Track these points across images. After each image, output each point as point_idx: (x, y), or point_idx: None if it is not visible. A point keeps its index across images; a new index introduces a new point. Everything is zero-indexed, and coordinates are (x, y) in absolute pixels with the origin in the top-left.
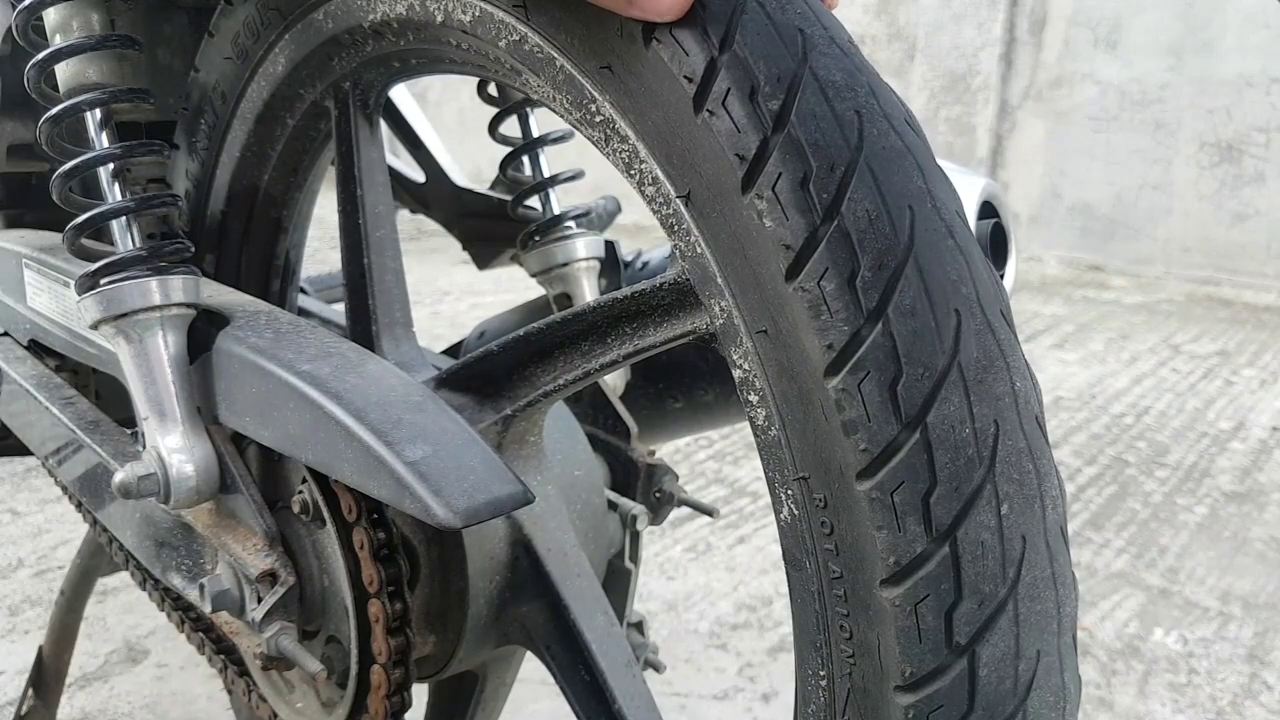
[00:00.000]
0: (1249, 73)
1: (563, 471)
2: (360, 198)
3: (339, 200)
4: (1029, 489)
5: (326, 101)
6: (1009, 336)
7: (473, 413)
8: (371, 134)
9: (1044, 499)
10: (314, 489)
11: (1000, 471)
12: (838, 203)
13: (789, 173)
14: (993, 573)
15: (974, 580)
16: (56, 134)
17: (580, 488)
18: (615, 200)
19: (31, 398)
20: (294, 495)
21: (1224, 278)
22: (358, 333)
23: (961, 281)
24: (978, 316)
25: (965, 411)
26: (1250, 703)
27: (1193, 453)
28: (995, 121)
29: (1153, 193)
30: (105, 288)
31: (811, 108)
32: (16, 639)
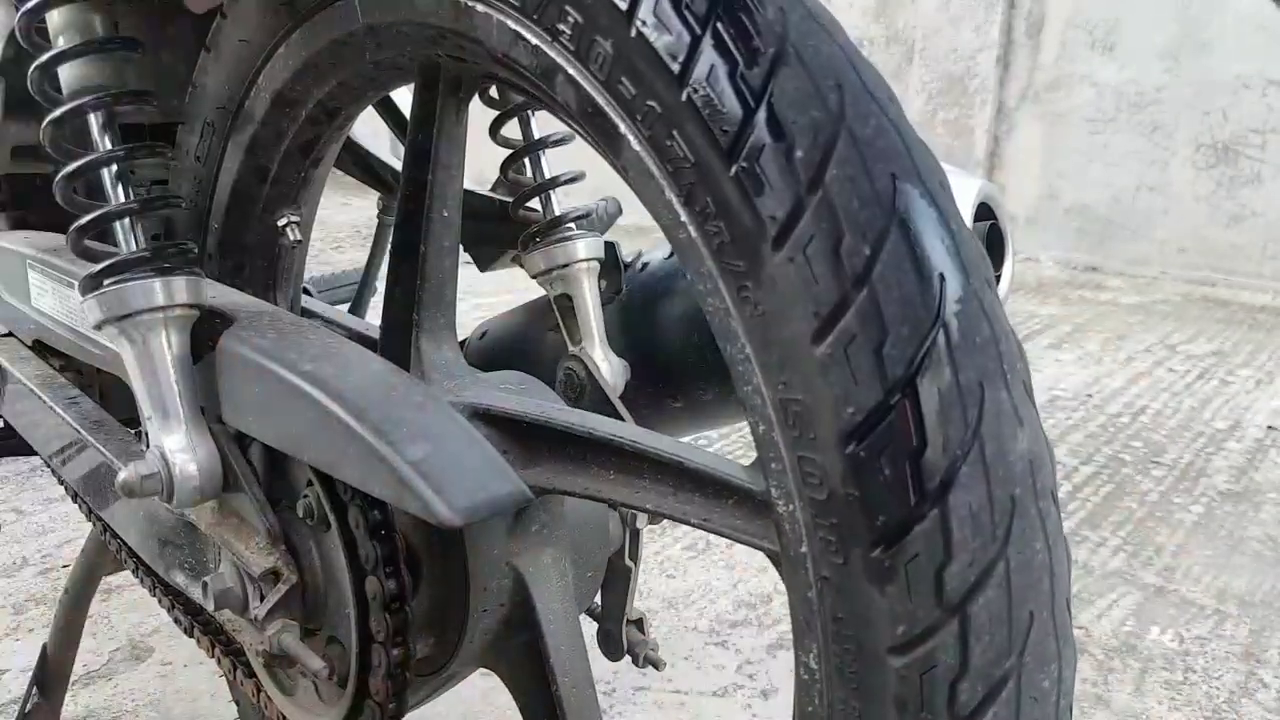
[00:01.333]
0: (1246, 74)
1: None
2: (430, 184)
3: (404, 181)
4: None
5: (409, 76)
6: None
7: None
8: (458, 119)
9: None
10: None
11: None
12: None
13: None
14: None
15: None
16: (60, 136)
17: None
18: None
19: (36, 397)
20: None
21: (1220, 278)
22: (393, 331)
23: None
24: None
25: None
26: (1246, 700)
27: (1189, 452)
28: (993, 123)
29: (1149, 194)
30: (109, 288)
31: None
32: (21, 637)
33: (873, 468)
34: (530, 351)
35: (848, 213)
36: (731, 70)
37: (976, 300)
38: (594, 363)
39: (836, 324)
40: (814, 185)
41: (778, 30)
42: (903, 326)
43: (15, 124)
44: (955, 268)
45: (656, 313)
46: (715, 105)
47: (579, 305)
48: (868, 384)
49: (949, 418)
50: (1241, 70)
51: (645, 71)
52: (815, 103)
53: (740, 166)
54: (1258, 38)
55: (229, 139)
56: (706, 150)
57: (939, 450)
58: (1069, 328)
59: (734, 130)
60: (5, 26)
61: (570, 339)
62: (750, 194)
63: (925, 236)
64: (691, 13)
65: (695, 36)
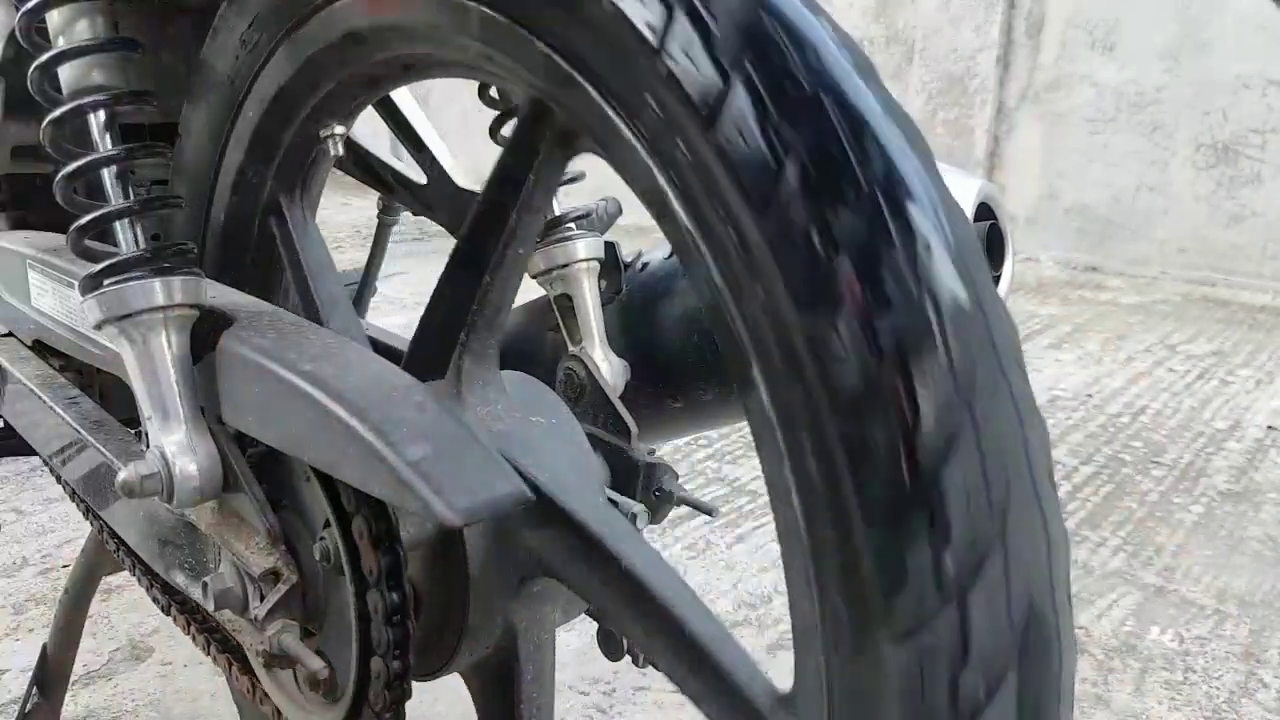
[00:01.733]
0: (1246, 74)
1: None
2: (514, 218)
3: (482, 201)
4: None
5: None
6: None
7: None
8: (557, 163)
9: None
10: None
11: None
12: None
13: None
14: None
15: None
16: (60, 136)
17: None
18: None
19: (36, 398)
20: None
21: (1220, 278)
22: (430, 338)
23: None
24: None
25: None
26: (1246, 700)
27: (1189, 452)
28: (993, 123)
29: (1149, 194)
30: (109, 288)
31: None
32: (21, 637)
33: None
34: (530, 351)
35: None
36: None
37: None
38: (594, 363)
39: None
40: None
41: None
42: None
43: (15, 124)
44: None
45: (656, 313)
46: None
47: (579, 305)
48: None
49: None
50: (1241, 70)
51: None
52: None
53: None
54: (1258, 38)
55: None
56: None
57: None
58: (1069, 328)
59: None
60: (5, 26)
61: (570, 339)
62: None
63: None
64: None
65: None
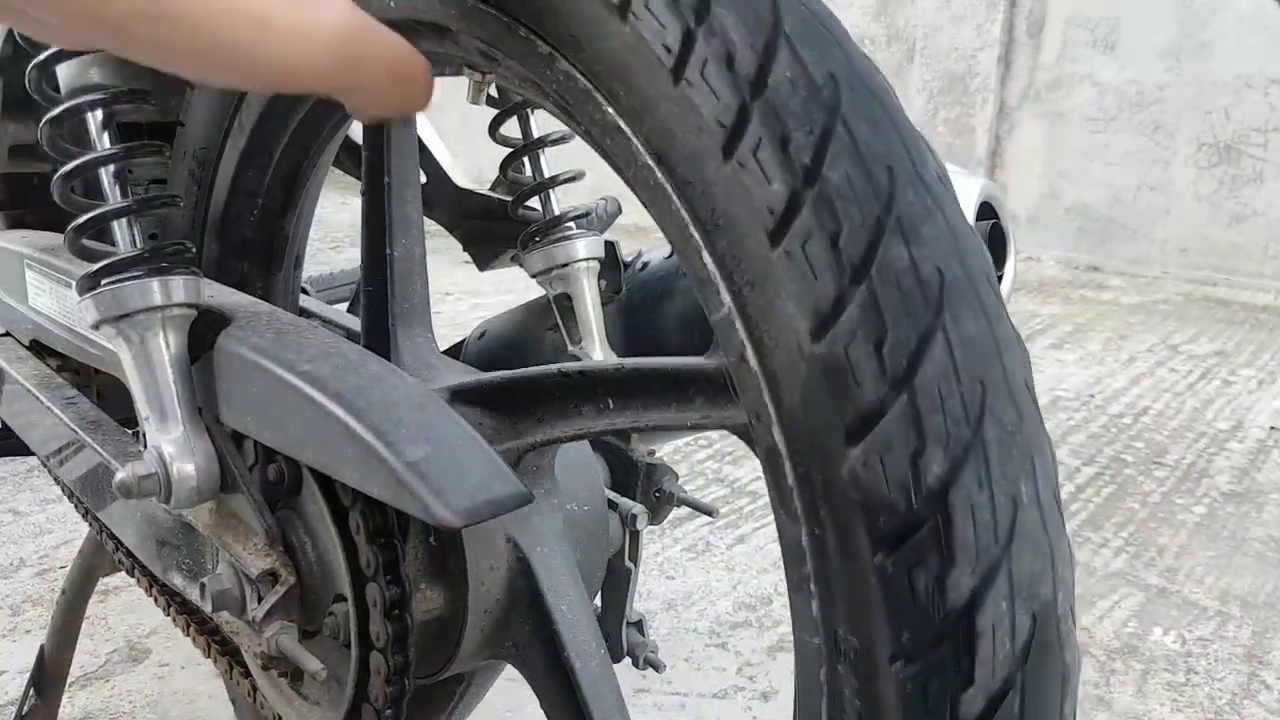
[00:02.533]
0: (1247, 74)
1: (572, 500)
2: (388, 185)
3: (364, 186)
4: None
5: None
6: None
7: (486, 434)
8: (405, 121)
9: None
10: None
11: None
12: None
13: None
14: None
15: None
16: (58, 135)
17: (586, 518)
18: (616, 201)
19: (33, 398)
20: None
21: (1222, 278)
22: (373, 332)
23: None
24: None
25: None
26: (1249, 702)
27: (1191, 452)
28: (994, 122)
29: (1151, 193)
30: (106, 288)
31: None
32: (18, 638)
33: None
34: (529, 351)
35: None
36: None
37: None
38: None
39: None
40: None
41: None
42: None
43: (13, 123)
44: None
45: (656, 312)
46: None
47: (578, 305)
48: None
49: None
50: (1243, 70)
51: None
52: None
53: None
54: (1259, 37)
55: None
56: None
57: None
58: (1070, 327)
59: None
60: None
61: (569, 339)
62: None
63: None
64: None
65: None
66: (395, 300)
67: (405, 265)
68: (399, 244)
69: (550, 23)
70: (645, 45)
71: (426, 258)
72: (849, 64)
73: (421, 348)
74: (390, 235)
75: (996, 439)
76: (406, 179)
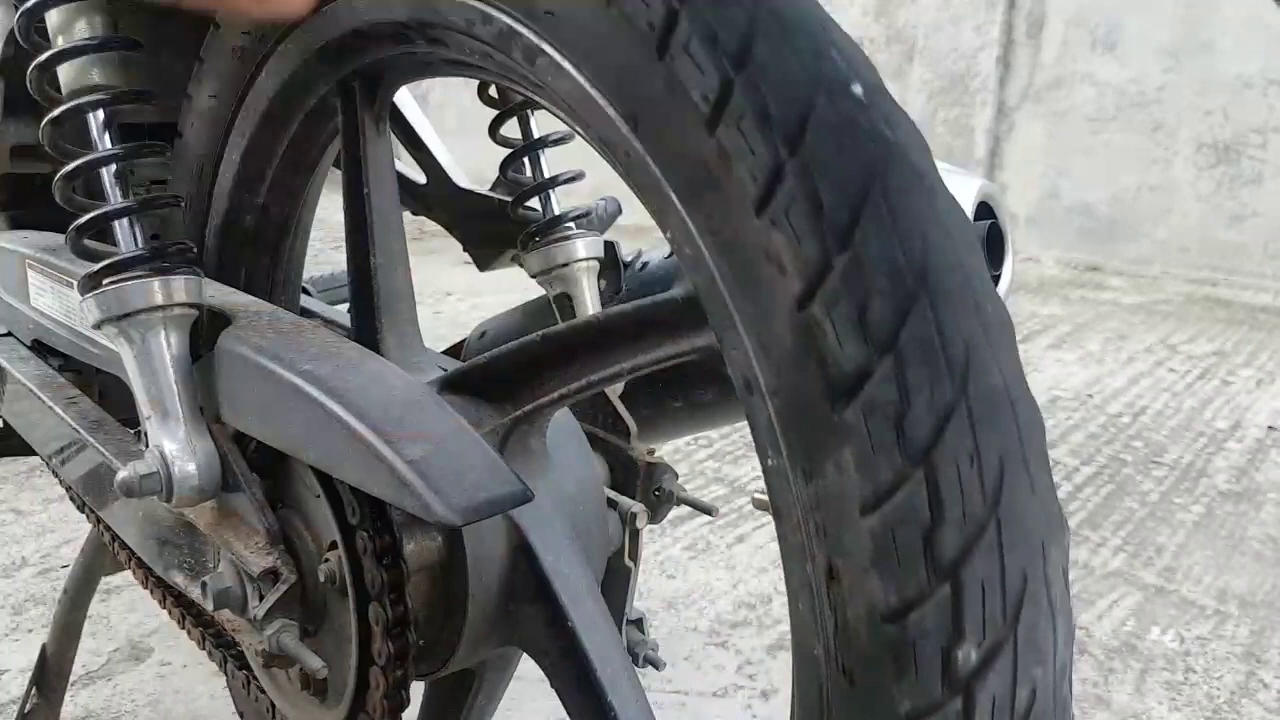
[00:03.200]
0: (1247, 74)
1: (565, 476)
2: (366, 195)
3: (345, 197)
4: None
5: (333, 99)
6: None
7: (477, 416)
8: (379, 131)
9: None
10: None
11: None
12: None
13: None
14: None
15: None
16: (59, 135)
17: (582, 492)
18: (616, 201)
19: (35, 397)
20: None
21: (1221, 278)
22: (363, 332)
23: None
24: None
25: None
26: (1247, 701)
27: (1189, 452)
28: (993, 123)
29: (1150, 193)
30: (108, 288)
31: None
32: (20, 637)
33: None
34: None
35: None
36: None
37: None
38: None
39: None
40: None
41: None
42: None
43: (15, 123)
44: None
45: None
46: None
47: (578, 305)
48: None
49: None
50: (1243, 70)
51: None
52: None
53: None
54: (1259, 37)
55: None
56: None
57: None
58: (1070, 327)
59: None
60: (5, 26)
61: None
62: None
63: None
64: None
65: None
66: (380, 300)
67: (387, 267)
68: (380, 248)
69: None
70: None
71: (409, 258)
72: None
73: (407, 344)
74: (371, 239)
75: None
76: (383, 188)
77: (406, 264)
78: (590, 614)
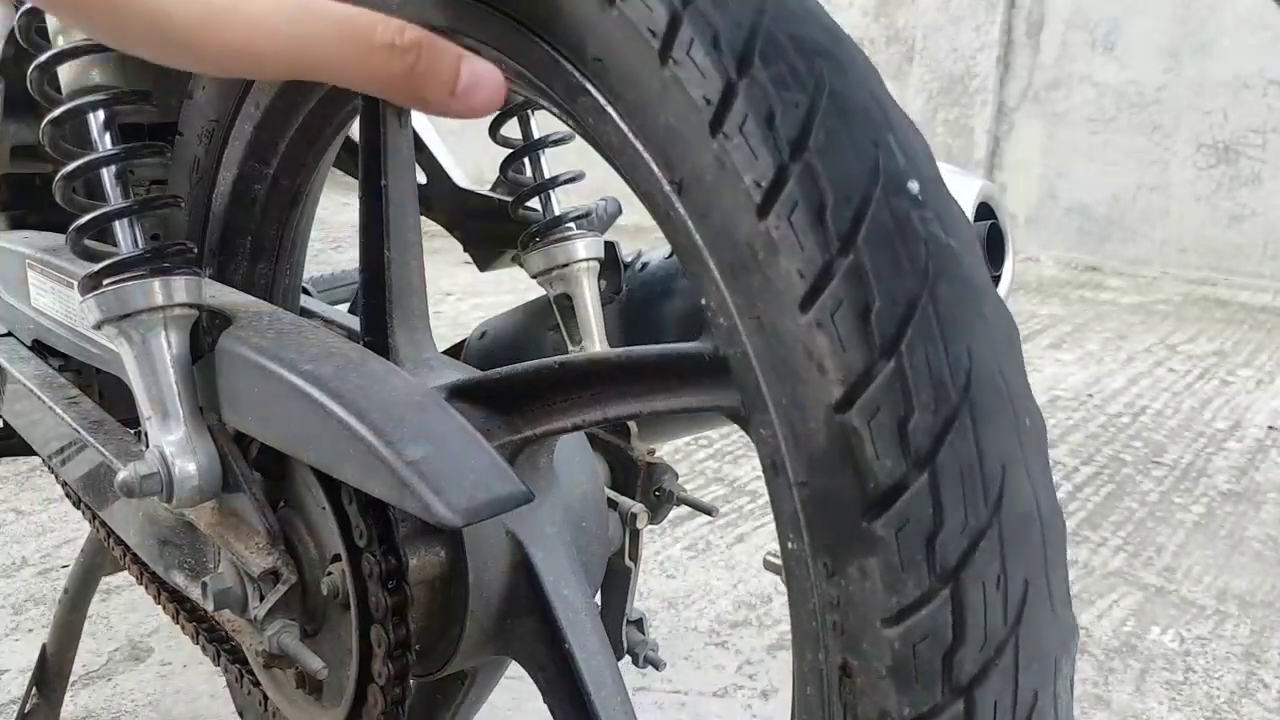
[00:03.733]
0: (1246, 74)
1: (570, 495)
2: (384, 188)
3: (361, 189)
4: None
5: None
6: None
7: (486, 427)
8: (401, 124)
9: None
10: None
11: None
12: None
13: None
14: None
15: None
16: (59, 136)
17: (586, 509)
18: (616, 201)
19: (35, 398)
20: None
21: (1220, 278)
22: (372, 328)
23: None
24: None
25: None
26: (1247, 701)
27: (1189, 452)
28: (993, 123)
29: (1150, 194)
30: (108, 288)
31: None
32: (20, 637)
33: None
34: (530, 352)
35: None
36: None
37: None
38: None
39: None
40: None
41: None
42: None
43: (15, 124)
44: None
45: (657, 312)
46: None
47: (578, 305)
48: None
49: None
50: (1241, 70)
51: None
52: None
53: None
54: (1258, 38)
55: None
56: None
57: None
58: (1069, 328)
59: None
60: (5, 26)
61: (570, 339)
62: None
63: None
64: None
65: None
66: (393, 301)
67: (402, 266)
68: (395, 245)
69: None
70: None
71: (424, 258)
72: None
73: (419, 346)
74: (387, 237)
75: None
76: (402, 181)
77: (421, 259)
78: (587, 636)
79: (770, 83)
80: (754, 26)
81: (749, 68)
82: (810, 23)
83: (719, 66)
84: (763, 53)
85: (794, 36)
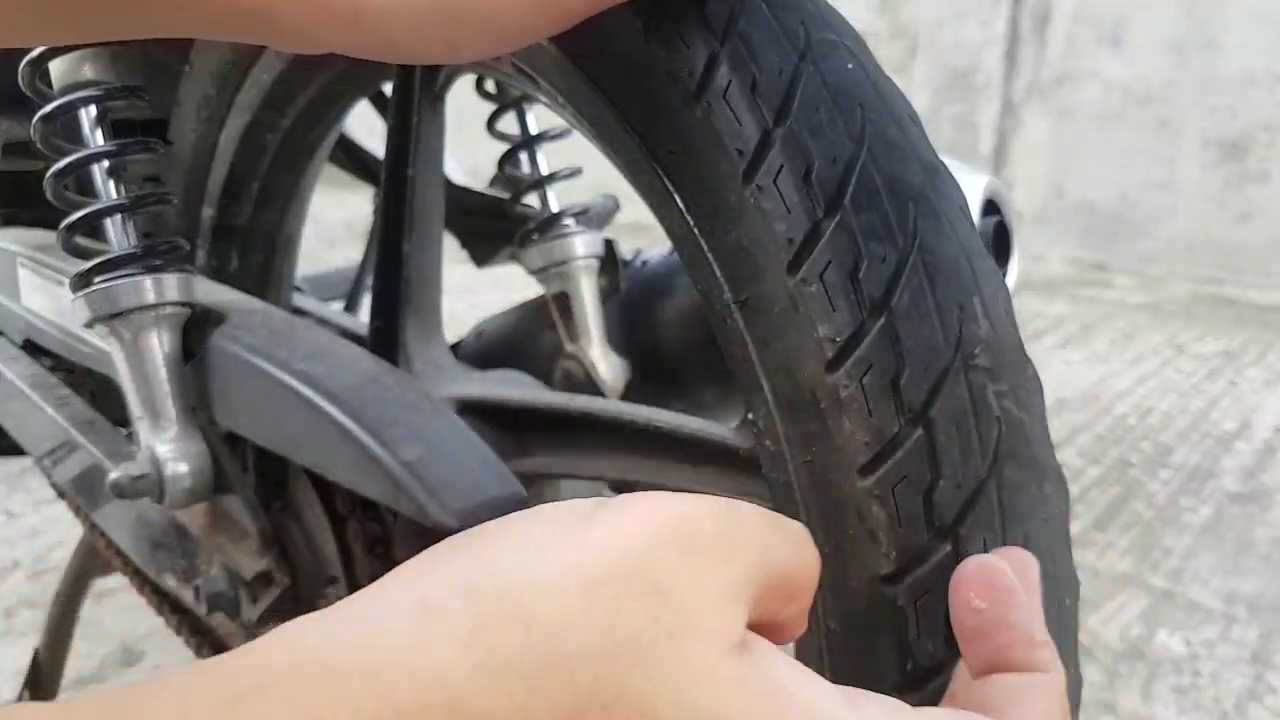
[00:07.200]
0: (1253, 70)
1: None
2: (411, 177)
3: (385, 176)
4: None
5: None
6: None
7: (500, 450)
8: (435, 111)
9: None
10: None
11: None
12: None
13: None
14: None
15: None
16: (51, 132)
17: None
18: (614, 198)
19: (26, 397)
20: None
21: (1228, 277)
22: (381, 329)
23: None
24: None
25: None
26: (1255, 705)
27: (1197, 453)
28: (998, 119)
29: (1157, 191)
30: (99, 286)
31: None
32: (12, 641)
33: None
34: (528, 350)
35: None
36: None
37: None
38: (591, 361)
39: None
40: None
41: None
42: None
43: (6, 120)
44: None
45: (656, 311)
46: None
47: (577, 303)
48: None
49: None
50: (1249, 66)
51: None
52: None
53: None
54: (1266, 34)
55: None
56: None
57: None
58: (1076, 327)
59: None
60: None
61: (568, 337)
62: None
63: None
64: None
65: None
66: (408, 300)
67: (422, 261)
68: (417, 239)
69: None
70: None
71: (443, 248)
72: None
73: (433, 351)
74: (410, 230)
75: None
76: (431, 172)
77: (440, 255)
78: None
79: (859, 230)
80: (850, 162)
81: (838, 210)
82: (910, 160)
83: (806, 205)
84: (854, 196)
85: (890, 177)
